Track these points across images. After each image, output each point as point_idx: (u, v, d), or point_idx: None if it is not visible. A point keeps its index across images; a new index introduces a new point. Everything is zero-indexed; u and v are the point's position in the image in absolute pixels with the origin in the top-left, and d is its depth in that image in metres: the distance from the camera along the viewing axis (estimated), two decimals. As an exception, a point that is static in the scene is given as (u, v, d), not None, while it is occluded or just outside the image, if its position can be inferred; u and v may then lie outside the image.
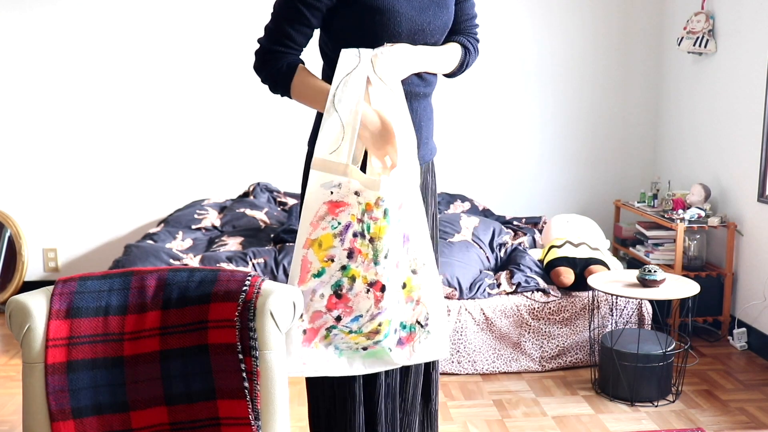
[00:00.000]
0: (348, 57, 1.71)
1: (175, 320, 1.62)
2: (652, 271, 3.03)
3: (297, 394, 3.08)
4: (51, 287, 1.63)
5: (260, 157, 4.51)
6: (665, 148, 4.56)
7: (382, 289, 1.71)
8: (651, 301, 3.41)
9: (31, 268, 4.48)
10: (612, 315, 3.37)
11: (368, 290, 1.70)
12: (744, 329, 3.66)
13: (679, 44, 4.04)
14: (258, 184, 4.38)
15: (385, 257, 1.70)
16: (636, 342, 3.02)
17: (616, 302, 3.35)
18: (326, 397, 1.95)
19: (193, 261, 3.35)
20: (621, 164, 4.68)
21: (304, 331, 1.75)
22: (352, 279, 1.70)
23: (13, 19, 4.26)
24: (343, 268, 1.70)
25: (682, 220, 3.71)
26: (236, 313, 1.59)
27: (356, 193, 1.67)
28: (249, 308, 1.60)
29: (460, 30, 1.93)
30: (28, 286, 4.39)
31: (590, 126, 4.63)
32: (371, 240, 1.68)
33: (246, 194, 4.40)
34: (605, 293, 3.13)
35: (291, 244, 3.51)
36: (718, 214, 3.82)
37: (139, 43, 4.34)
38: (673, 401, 3.05)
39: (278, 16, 1.75)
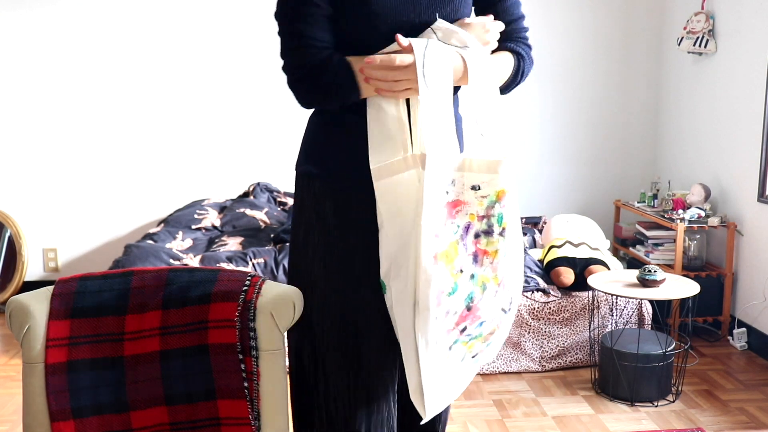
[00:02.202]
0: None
1: (175, 320, 1.62)
2: (652, 271, 3.03)
3: (297, 394, 3.08)
4: (51, 287, 1.62)
5: (260, 157, 4.50)
6: (665, 148, 4.56)
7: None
8: (651, 301, 3.41)
9: (31, 268, 4.48)
10: (612, 315, 3.36)
11: (497, 291, 1.48)
12: (744, 329, 3.66)
13: (679, 44, 4.04)
14: (258, 184, 4.38)
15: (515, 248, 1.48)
16: (636, 342, 3.02)
17: (616, 302, 3.35)
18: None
19: (193, 261, 3.35)
20: (621, 164, 4.68)
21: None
22: (483, 287, 1.47)
23: (13, 19, 4.26)
24: (472, 276, 1.45)
25: (682, 220, 3.71)
26: (236, 313, 1.59)
27: (473, 188, 1.43)
28: (249, 308, 1.60)
29: (507, 34, 1.59)
30: (28, 286, 4.39)
31: (590, 126, 4.63)
32: (502, 232, 1.46)
33: (246, 194, 4.40)
34: (605, 293, 3.13)
35: (291, 244, 3.50)
36: (718, 214, 3.82)
37: (139, 44, 4.34)
38: (673, 401, 3.05)
39: (289, 21, 1.46)
